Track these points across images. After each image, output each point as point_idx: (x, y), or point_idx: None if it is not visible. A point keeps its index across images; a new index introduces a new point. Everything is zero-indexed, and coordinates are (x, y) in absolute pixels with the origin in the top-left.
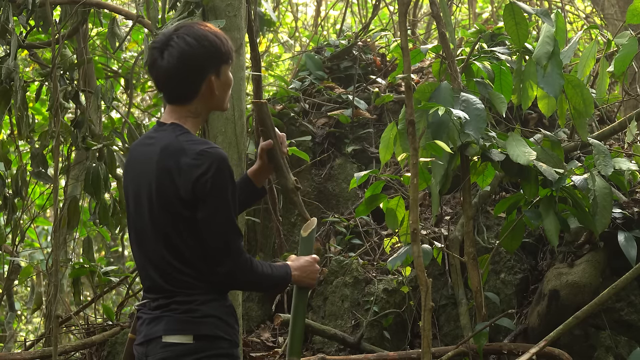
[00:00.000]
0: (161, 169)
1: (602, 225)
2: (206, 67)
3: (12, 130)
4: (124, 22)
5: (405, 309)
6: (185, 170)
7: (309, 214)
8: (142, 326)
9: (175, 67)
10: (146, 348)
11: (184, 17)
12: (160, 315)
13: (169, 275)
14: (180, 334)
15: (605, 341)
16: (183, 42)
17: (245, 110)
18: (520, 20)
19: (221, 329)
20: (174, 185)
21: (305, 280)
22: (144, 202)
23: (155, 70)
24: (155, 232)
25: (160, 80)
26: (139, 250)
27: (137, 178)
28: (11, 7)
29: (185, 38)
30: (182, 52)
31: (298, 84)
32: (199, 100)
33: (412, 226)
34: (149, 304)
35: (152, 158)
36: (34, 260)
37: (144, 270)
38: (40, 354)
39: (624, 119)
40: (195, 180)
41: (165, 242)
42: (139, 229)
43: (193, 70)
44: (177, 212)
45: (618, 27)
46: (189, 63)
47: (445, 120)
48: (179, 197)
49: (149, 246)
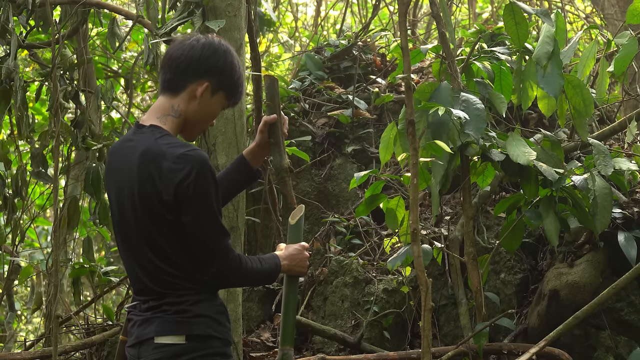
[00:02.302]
0: (142, 174)
1: (602, 225)
2: (209, 72)
3: (12, 130)
4: (124, 22)
5: (405, 309)
6: (166, 175)
7: (309, 213)
8: (134, 328)
9: (188, 52)
10: (138, 350)
11: (184, 17)
12: (152, 316)
13: (157, 277)
14: (173, 335)
15: (605, 341)
16: (215, 42)
17: (245, 110)
18: (520, 20)
19: (213, 328)
20: (156, 190)
21: (295, 269)
22: (127, 207)
23: (174, 48)
24: (141, 235)
25: (169, 58)
26: (126, 253)
27: (118, 182)
28: (11, 7)
29: (220, 42)
30: (205, 45)
31: (298, 84)
32: (183, 97)
33: (412, 226)
34: (140, 305)
35: (132, 163)
36: (34, 260)
37: (132, 273)
38: (40, 354)
39: (624, 119)
40: (178, 185)
41: (151, 245)
42: (124, 232)
43: (197, 64)
44: (161, 215)
45: (618, 27)
46: (200, 57)
47: (445, 120)
48: (161, 201)
49: (135, 249)
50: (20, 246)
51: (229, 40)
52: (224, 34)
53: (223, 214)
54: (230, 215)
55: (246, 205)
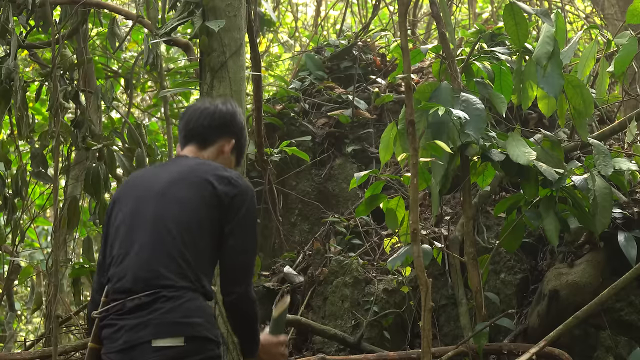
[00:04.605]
0: (198, 178)
1: (602, 225)
2: (235, 132)
3: (12, 130)
4: (124, 22)
5: (405, 309)
6: (221, 192)
7: (309, 213)
8: (119, 332)
9: (219, 109)
10: (130, 354)
11: (184, 17)
12: (146, 320)
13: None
14: (171, 337)
15: (605, 341)
16: (235, 106)
17: (245, 110)
18: (520, 20)
19: (208, 330)
20: (209, 199)
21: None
22: (161, 206)
23: (202, 106)
24: (173, 230)
25: (196, 111)
26: (127, 256)
27: (149, 183)
28: (11, 7)
29: (236, 106)
30: (229, 108)
31: (298, 84)
32: (212, 151)
33: (412, 226)
34: (123, 304)
35: (181, 170)
36: (34, 260)
37: (124, 270)
38: (40, 354)
39: (624, 119)
40: (231, 203)
41: (182, 242)
42: (135, 225)
43: (230, 123)
44: (207, 223)
45: (618, 27)
46: (232, 117)
47: (445, 120)
48: (211, 209)
49: (151, 243)
50: (20, 246)
51: (229, 40)
52: (224, 34)
53: None
54: None
55: None
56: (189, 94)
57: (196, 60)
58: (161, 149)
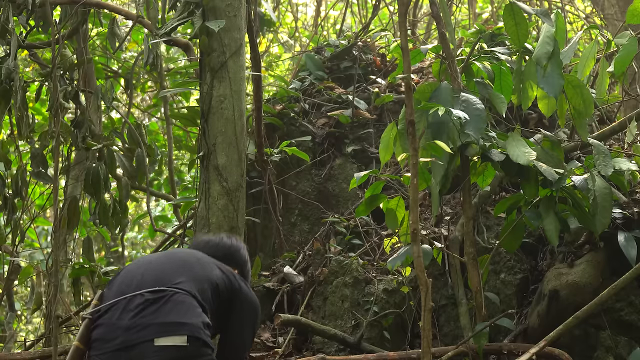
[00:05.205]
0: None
1: (602, 225)
2: (239, 263)
3: (12, 130)
4: (124, 22)
5: (405, 309)
6: (228, 281)
7: (309, 213)
8: (114, 332)
9: (223, 241)
10: (128, 354)
11: (184, 17)
12: (147, 320)
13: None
14: (174, 335)
15: (605, 341)
16: (240, 242)
17: (245, 110)
18: (520, 20)
19: (207, 336)
20: (218, 281)
21: None
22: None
23: (207, 238)
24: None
25: (203, 241)
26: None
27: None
28: (11, 7)
29: (241, 249)
30: (233, 242)
31: (298, 84)
32: None
33: (412, 226)
34: (124, 304)
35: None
36: (34, 260)
37: (136, 276)
38: (40, 354)
39: (624, 119)
40: (236, 293)
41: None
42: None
43: (234, 254)
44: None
45: (618, 27)
46: (237, 250)
47: (445, 120)
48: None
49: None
50: (20, 246)
51: (229, 40)
52: (224, 34)
53: (223, 214)
54: (230, 215)
55: (246, 205)
56: (189, 94)
57: (196, 60)
58: (161, 149)
